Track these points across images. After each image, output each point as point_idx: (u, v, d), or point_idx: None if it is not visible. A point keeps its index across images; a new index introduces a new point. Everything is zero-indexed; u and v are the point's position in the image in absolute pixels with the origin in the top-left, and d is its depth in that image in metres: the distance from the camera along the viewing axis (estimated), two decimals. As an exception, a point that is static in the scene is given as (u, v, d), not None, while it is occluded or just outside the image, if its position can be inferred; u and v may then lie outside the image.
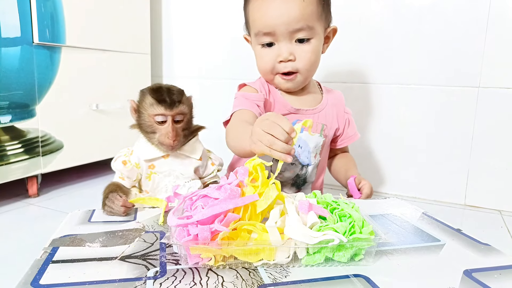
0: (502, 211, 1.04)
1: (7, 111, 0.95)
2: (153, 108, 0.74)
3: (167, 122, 0.74)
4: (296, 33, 0.77)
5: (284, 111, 0.85)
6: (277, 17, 0.76)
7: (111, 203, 0.70)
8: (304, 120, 0.60)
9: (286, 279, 0.48)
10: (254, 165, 0.57)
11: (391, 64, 1.14)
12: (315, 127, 0.86)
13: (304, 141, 0.85)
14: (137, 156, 0.77)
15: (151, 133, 0.76)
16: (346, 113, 0.94)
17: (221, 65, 1.40)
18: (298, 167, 0.87)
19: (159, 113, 0.74)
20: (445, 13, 1.06)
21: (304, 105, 0.87)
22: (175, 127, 0.74)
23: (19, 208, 0.96)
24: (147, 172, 0.78)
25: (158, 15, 1.48)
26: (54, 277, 0.48)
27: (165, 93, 0.74)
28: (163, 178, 0.78)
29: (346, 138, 0.95)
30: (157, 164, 0.78)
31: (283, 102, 0.85)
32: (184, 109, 0.76)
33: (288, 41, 0.78)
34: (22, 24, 0.96)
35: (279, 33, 0.77)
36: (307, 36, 0.78)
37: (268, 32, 0.78)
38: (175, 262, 0.52)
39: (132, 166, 0.76)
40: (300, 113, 0.86)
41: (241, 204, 0.51)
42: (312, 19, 0.77)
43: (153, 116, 0.74)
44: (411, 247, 0.58)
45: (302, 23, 0.76)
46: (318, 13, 0.78)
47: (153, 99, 0.74)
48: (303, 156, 0.86)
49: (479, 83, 1.04)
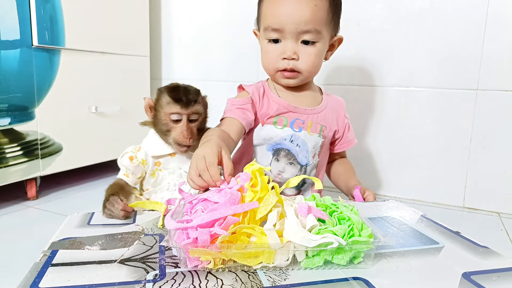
0: (500, 213, 1.04)
1: (6, 114, 0.95)
2: (169, 106, 0.75)
3: (182, 121, 0.76)
4: (303, 34, 0.80)
5: (282, 109, 0.86)
6: (288, 15, 0.79)
7: (111, 206, 0.70)
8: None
9: (285, 282, 0.48)
10: (253, 170, 0.57)
11: (390, 67, 1.14)
12: (314, 127, 0.87)
13: (302, 140, 0.86)
14: (144, 152, 0.79)
15: (167, 131, 0.77)
16: (346, 118, 0.95)
17: (220, 68, 1.40)
18: (297, 167, 0.87)
19: (174, 112, 0.75)
20: (443, 16, 1.06)
21: (303, 104, 0.87)
22: (189, 126, 0.76)
23: (18, 211, 0.96)
24: (152, 169, 0.79)
25: (157, 17, 1.48)
26: (54, 280, 0.48)
27: (182, 92, 0.76)
28: (167, 175, 0.79)
29: (345, 142, 0.96)
30: (163, 162, 0.79)
31: (280, 102, 0.86)
32: (200, 108, 0.78)
33: (294, 41, 0.81)
34: (21, 26, 0.96)
35: (287, 31, 0.80)
36: (313, 39, 0.80)
37: (277, 28, 0.80)
38: (175, 265, 0.52)
39: (139, 163, 0.78)
40: (299, 111, 0.86)
41: (240, 211, 0.51)
42: (321, 24, 0.80)
43: (169, 115, 0.75)
44: (410, 250, 0.58)
45: (311, 25, 0.79)
46: (327, 20, 0.81)
47: (169, 98, 0.75)
48: (301, 155, 0.86)
49: (477, 86, 1.04)
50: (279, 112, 0.86)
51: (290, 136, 0.85)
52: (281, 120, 0.86)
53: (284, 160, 0.87)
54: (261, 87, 0.88)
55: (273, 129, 0.86)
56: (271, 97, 0.87)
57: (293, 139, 0.86)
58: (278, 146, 0.86)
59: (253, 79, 0.93)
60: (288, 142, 0.86)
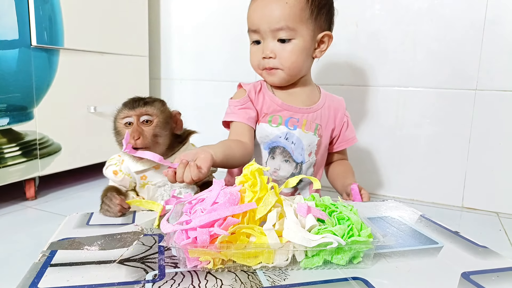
0: (499, 213, 1.05)
1: (4, 114, 0.95)
2: (120, 113, 0.76)
3: (132, 124, 0.75)
4: (277, 32, 0.82)
5: (275, 107, 0.87)
6: (261, 16, 0.83)
7: (109, 201, 0.70)
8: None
9: (285, 282, 0.48)
10: (252, 170, 0.57)
11: (389, 67, 1.14)
12: (308, 125, 0.88)
13: (297, 138, 0.87)
14: (127, 167, 0.77)
15: (122, 140, 0.74)
16: (346, 116, 0.95)
17: (219, 67, 1.40)
18: (293, 165, 0.87)
19: (124, 116, 0.75)
20: (442, 16, 1.06)
21: (297, 102, 0.88)
22: (139, 127, 0.74)
23: (17, 211, 0.96)
24: (140, 182, 0.78)
25: (156, 17, 1.48)
26: (53, 280, 0.47)
27: (132, 99, 0.77)
28: (156, 188, 0.78)
29: (343, 141, 0.96)
30: (149, 175, 0.77)
31: (274, 100, 0.88)
32: (151, 110, 0.75)
33: (271, 40, 0.84)
34: (20, 26, 0.96)
35: (262, 31, 0.83)
36: (288, 36, 0.82)
37: (254, 29, 0.84)
38: (174, 265, 0.52)
39: (124, 176, 0.76)
40: (293, 110, 0.87)
41: (238, 212, 0.51)
42: (294, 21, 0.81)
43: (121, 120, 0.75)
44: (409, 250, 0.58)
45: (282, 23, 0.81)
46: (303, 17, 0.82)
47: (120, 106, 0.77)
48: (297, 153, 0.87)
49: (476, 86, 1.04)
50: (274, 110, 0.87)
51: (285, 134, 0.86)
52: (276, 119, 0.87)
53: (280, 158, 0.87)
54: (259, 85, 0.90)
55: (268, 127, 0.87)
56: (267, 95, 0.88)
57: (288, 137, 0.86)
58: (274, 144, 0.87)
59: (252, 78, 0.93)
60: (283, 139, 0.87)
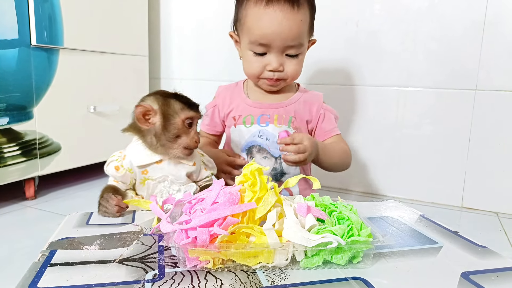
0: (499, 213, 1.05)
1: (4, 113, 0.95)
2: (184, 112, 0.74)
3: (193, 125, 0.75)
4: (288, 49, 0.83)
5: (248, 108, 0.90)
6: (277, 32, 0.80)
7: (106, 202, 0.70)
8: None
9: (285, 282, 0.48)
10: (252, 170, 0.57)
11: (389, 67, 1.14)
12: (281, 119, 0.89)
13: (271, 133, 0.88)
14: (129, 161, 0.77)
15: (176, 138, 0.74)
16: (323, 109, 0.93)
17: (219, 67, 1.40)
18: (272, 160, 0.89)
19: (190, 116, 0.74)
20: (442, 16, 1.06)
21: (270, 100, 0.91)
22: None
23: (17, 211, 0.96)
24: (141, 178, 0.78)
25: (156, 17, 1.48)
26: (52, 280, 0.47)
27: (187, 99, 0.76)
28: (157, 183, 0.78)
29: (321, 133, 0.93)
30: (150, 170, 0.77)
31: (247, 102, 0.91)
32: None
33: (279, 54, 0.83)
34: (20, 26, 0.96)
35: (274, 46, 0.82)
36: (297, 52, 0.84)
37: (264, 43, 0.82)
38: (174, 265, 0.52)
39: (125, 171, 0.76)
40: (263, 107, 0.90)
41: (238, 212, 0.51)
42: (304, 37, 0.83)
43: (184, 120, 0.74)
44: (409, 250, 0.58)
45: (296, 41, 0.82)
46: (308, 31, 0.85)
47: (182, 104, 0.75)
48: (273, 148, 0.88)
49: (476, 86, 1.04)
50: (245, 110, 0.90)
51: (258, 131, 0.88)
52: (248, 119, 0.89)
53: (258, 156, 0.89)
54: (235, 88, 0.93)
55: (243, 128, 0.89)
56: (241, 98, 0.91)
57: (261, 134, 0.88)
58: (250, 144, 0.89)
59: (252, 78, 0.93)
60: (258, 138, 0.89)
